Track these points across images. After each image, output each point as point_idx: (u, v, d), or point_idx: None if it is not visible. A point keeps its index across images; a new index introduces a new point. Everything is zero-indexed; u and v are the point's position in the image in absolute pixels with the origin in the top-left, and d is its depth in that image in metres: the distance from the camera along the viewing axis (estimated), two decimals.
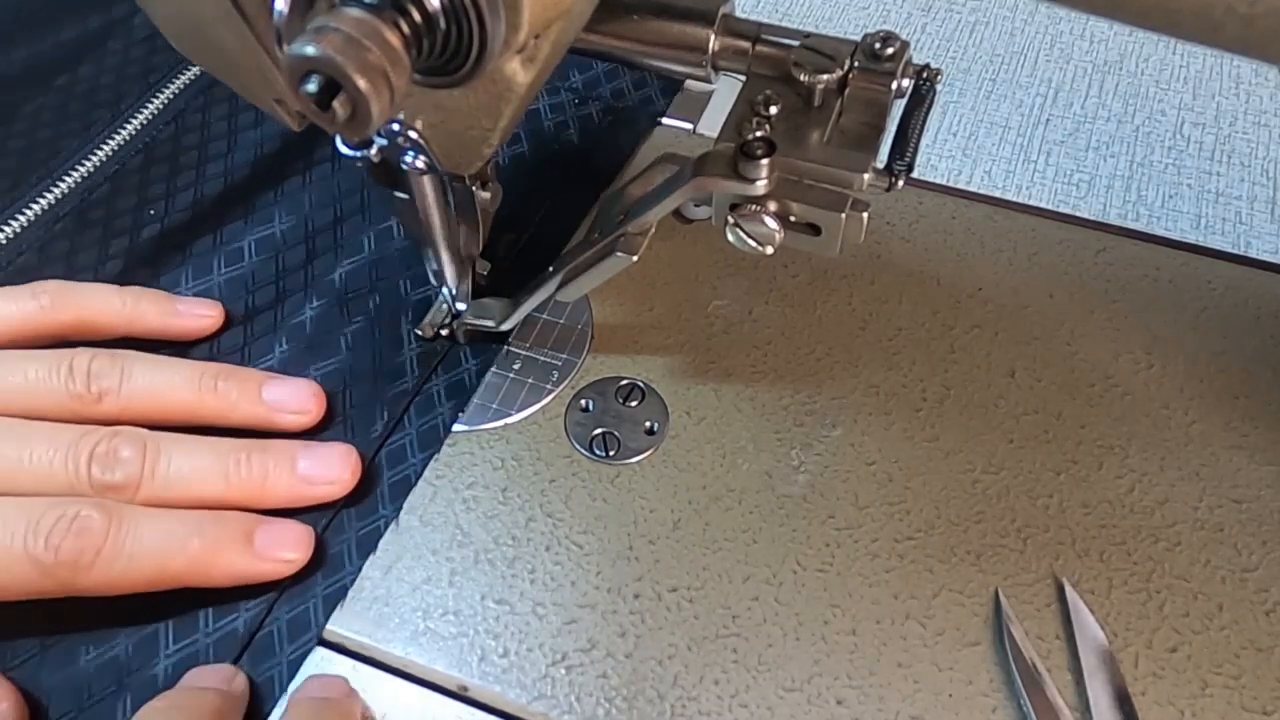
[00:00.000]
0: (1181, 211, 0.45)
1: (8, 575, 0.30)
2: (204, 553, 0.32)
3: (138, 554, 0.31)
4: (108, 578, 0.31)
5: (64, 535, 0.30)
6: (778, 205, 0.31)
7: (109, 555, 0.31)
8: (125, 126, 0.46)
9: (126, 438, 0.33)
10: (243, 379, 0.37)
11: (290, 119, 0.34)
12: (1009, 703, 0.31)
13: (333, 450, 0.36)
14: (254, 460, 0.34)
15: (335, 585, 0.34)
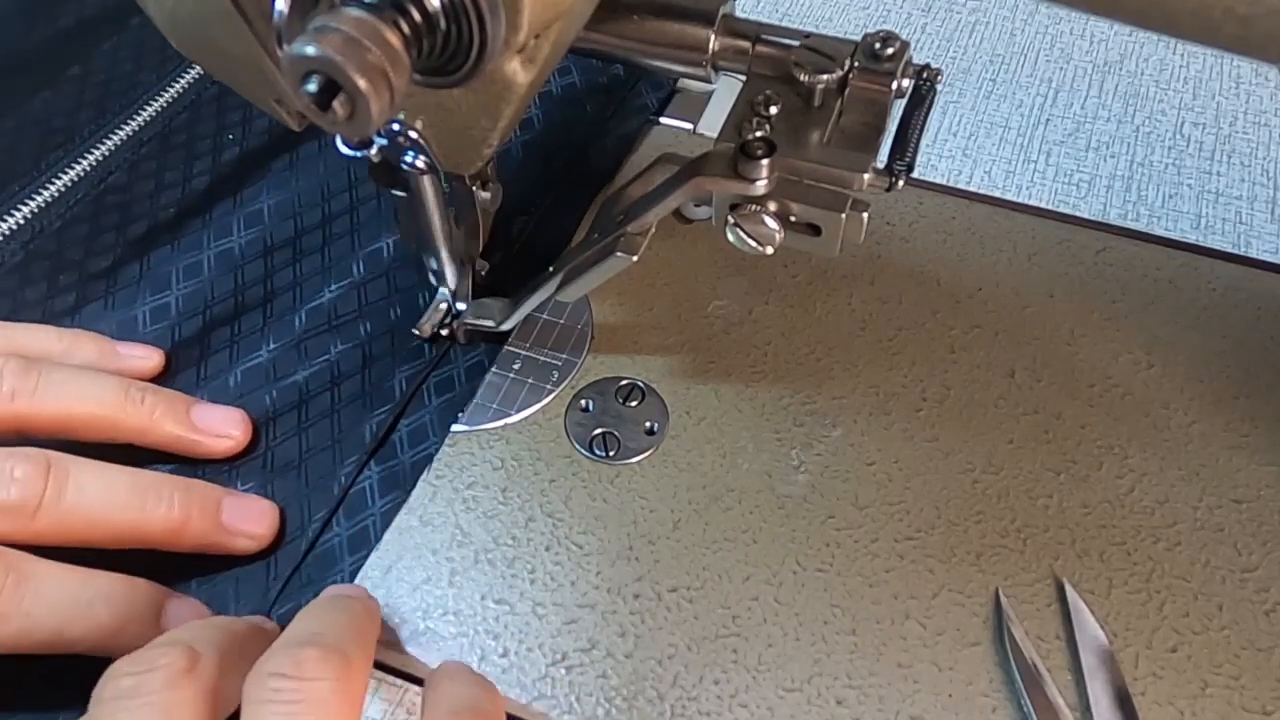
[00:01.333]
0: (1181, 211, 0.45)
1: None
2: (110, 621, 0.29)
3: (34, 615, 0.28)
4: (1, 636, 0.28)
5: None
6: (778, 205, 0.31)
7: (3, 612, 0.28)
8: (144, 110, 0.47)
9: (25, 455, 0.30)
10: (169, 396, 0.35)
11: (290, 119, 0.34)
12: (1009, 703, 0.31)
13: (256, 503, 0.34)
14: (176, 498, 0.32)
15: (334, 579, 0.34)
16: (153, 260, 0.42)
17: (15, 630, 0.28)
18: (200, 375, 0.39)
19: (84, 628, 0.29)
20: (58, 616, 0.29)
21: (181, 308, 0.41)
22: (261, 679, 0.25)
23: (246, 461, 0.36)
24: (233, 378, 0.39)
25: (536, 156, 0.46)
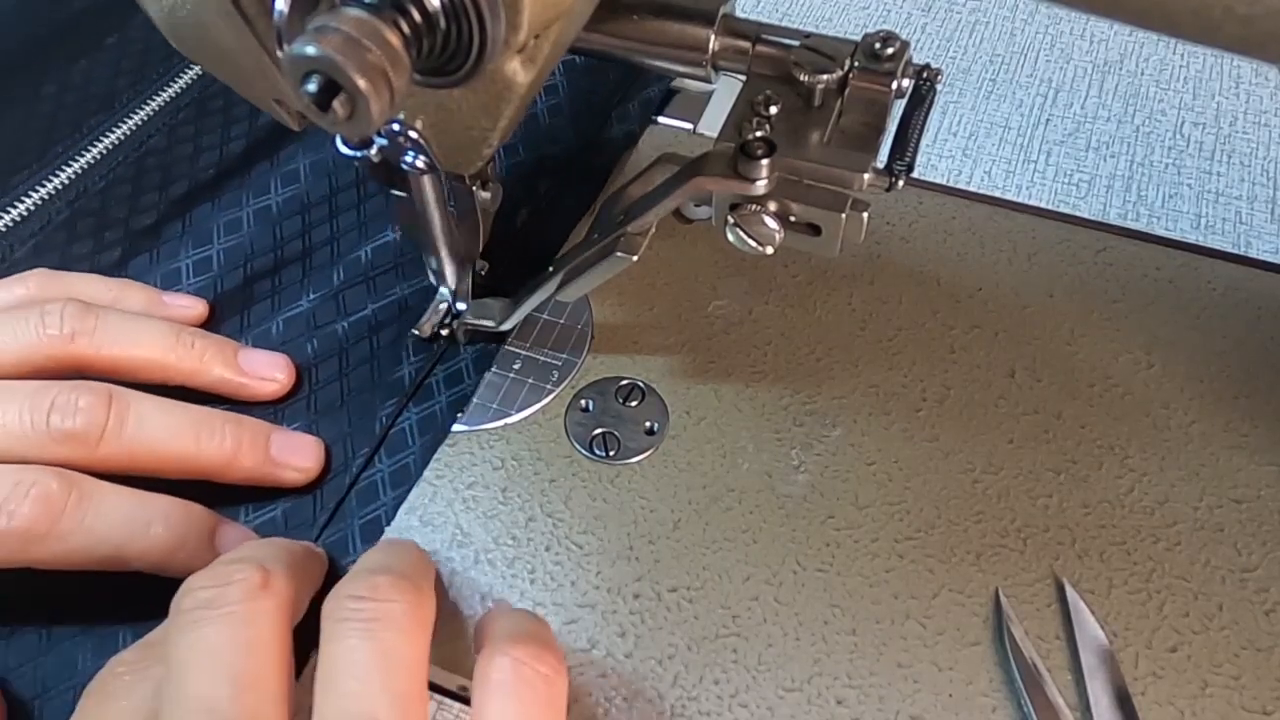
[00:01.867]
0: (1181, 211, 0.45)
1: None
2: (166, 541, 0.31)
3: (97, 530, 0.30)
4: (62, 551, 0.30)
5: (20, 502, 0.29)
6: (778, 205, 0.31)
7: (66, 528, 0.30)
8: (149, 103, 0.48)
9: (90, 387, 0.32)
10: (219, 342, 0.37)
11: (290, 119, 0.34)
12: (1009, 703, 0.31)
13: (304, 439, 0.36)
14: (228, 429, 0.34)
15: (376, 512, 0.35)
16: (194, 217, 0.44)
17: (78, 546, 0.30)
18: (244, 323, 0.41)
19: (142, 546, 0.31)
20: (118, 534, 0.30)
21: (223, 261, 0.42)
22: (340, 600, 0.27)
23: (291, 404, 0.38)
24: (275, 326, 0.40)
25: (535, 156, 0.46)
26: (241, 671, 0.25)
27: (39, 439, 0.31)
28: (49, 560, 0.30)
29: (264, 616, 0.26)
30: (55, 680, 0.31)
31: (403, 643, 0.26)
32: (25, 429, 0.31)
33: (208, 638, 0.25)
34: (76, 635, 0.32)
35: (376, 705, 0.25)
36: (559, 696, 0.27)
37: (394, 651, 0.26)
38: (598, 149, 0.47)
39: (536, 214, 0.44)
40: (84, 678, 0.30)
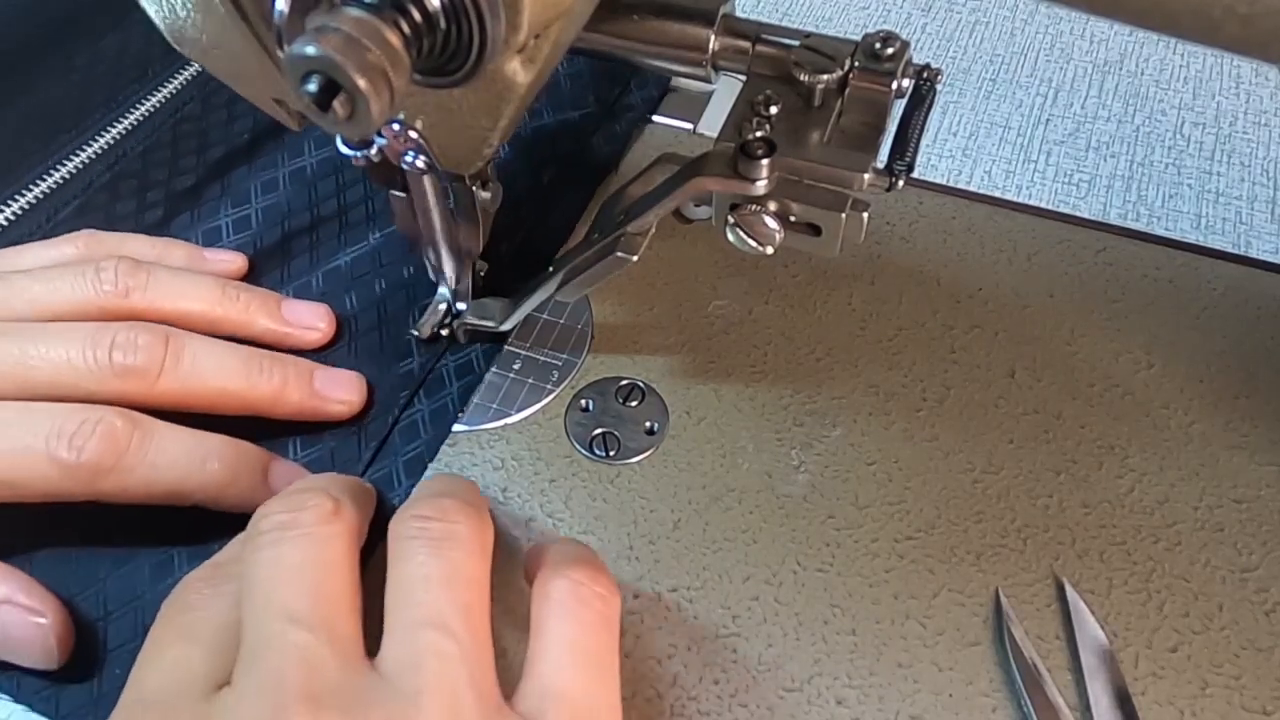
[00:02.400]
0: (1181, 211, 0.45)
1: (31, 475, 0.31)
2: (223, 476, 0.33)
3: (159, 465, 0.32)
4: (126, 484, 0.32)
5: (87, 438, 0.31)
6: (778, 205, 0.31)
7: (130, 463, 0.31)
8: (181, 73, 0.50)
9: (147, 327, 0.34)
10: (263, 294, 0.39)
11: (290, 119, 0.34)
12: (1009, 703, 0.31)
13: (346, 373, 0.38)
14: (275, 367, 0.36)
15: (417, 449, 0.36)
16: (231, 179, 0.45)
17: (141, 480, 0.32)
18: (284, 277, 0.42)
19: (200, 481, 0.32)
20: (178, 470, 0.32)
21: (261, 220, 0.44)
22: (408, 520, 0.28)
23: (333, 351, 0.39)
24: (314, 280, 0.42)
25: (533, 155, 0.46)
26: (319, 584, 0.26)
27: (101, 374, 0.32)
28: (113, 493, 0.32)
29: (337, 539, 0.27)
30: (117, 603, 0.33)
31: (468, 560, 0.27)
32: (89, 365, 0.32)
33: (286, 555, 0.26)
34: (138, 560, 0.34)
35: (446, 614, 0.26)
36: (614, 617, 0.29)
37: (460, 567, 0.27)
38: (595, 148, 0.47)
39: (536, 214, 0.44)
40: (146, 600, 0.33)
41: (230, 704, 0.24)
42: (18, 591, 0.31)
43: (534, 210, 0.44)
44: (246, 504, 0.32)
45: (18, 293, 0.35)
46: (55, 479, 0.31)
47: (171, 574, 0.33)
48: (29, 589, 0.31)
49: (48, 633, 0.31)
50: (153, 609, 0.29)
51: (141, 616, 0.33)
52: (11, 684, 0.31)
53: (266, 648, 0.25)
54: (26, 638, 0.31)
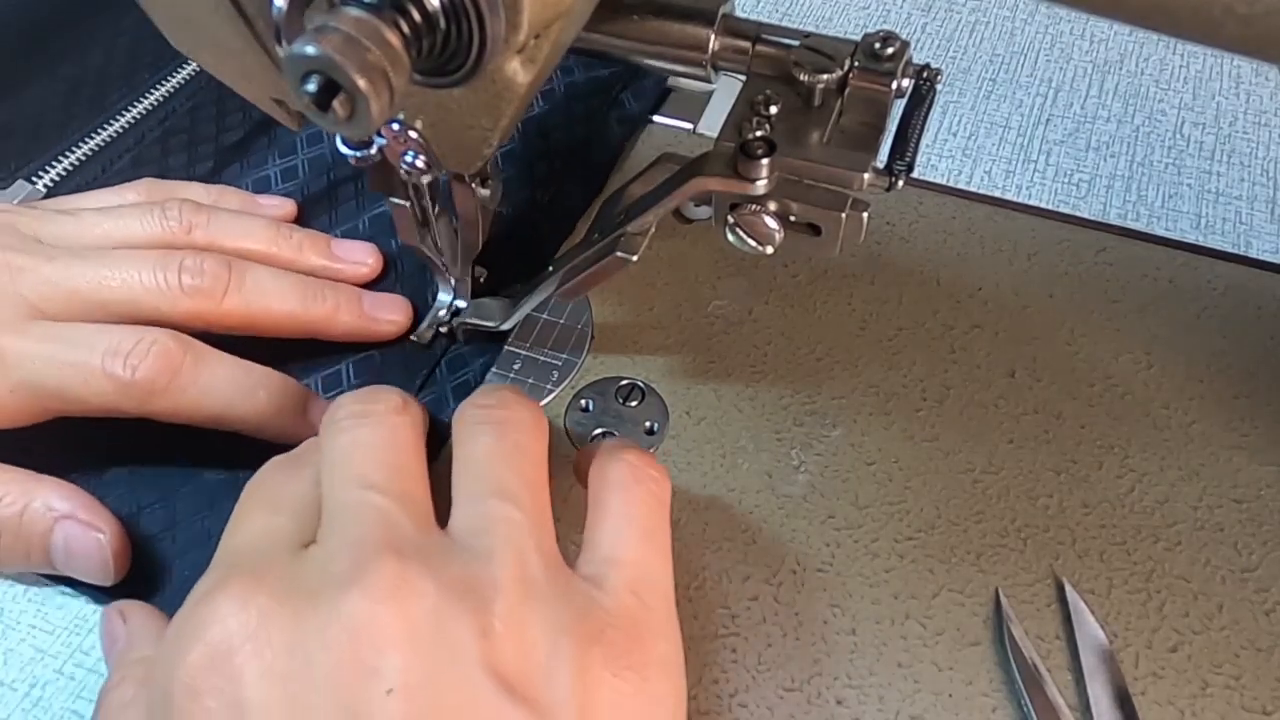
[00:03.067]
0: (1181, 211, 0.45)
1: (87, 390, 0.33)
2: (267, 406, 0.35)
3: (209, 389, 0.34)
4: (178, 404, 0.33)
5: (142, 358, 0.33)
6: (778, 205, 0.31)
7: (182, 383, 0.33)
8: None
9: (211, 254, 0.36)
10: (313, 234, 0.41)
11: (290, 119, 0.34)
12: (1009, 703, 0.31)
13: (393, 296, 0.40)
14: (327, 291, 0.38)
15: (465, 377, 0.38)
16: (277, 132, 0.47)
17: (190, 402, 0.33)
18: (331, 221, 0.44)
19: (246, 409, 0.34)
20: (226, 395, 0.34)
21: (307, 170, 0.46)
22: (471, 408, 0.30)
23: (379, 285, 0.41)
24: (360, 223, 0.44)
25: (533, 155, 0.46)
26: (393, 459, 0.28)
27: (171, 295, 0.35)
28: (163, 413, 0.34)
29: (407, 426, 0.29)
30: (184, 514, 0.35)
31: (529, 441, 0.29)
32: (160, 285, 0.35)
33: (362, 436, 0.28)
34: (203, 479, 0.36)
35: (510, 485, 0.28)
36: (666, 496, 0.30)
37: (522, 446, 0.29)
38: (595, 148, 0.47)
39: (535, 214, 0.44)
40: (212, 513, 0.35)
41: (319, 557, 0.26)
42: (79, 508, 0.33)
43: (533, 210, 0.44)
44: (286, 436, 0.35)
45: (88, 227, 0.37)
46: (110, 395, 0.33)
47: (235, 492, 0.34)
48: (90, 506, 0.33)
49: (105, 548, 0.33)
50: (219, 520, 0.30)
51: (208, 525, 0.35)
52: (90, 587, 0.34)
53: (347, 510, 0.26)
54: (85, 552, 0.32)
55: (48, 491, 0.33)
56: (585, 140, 0.47)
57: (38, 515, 0.32)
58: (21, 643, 0.34)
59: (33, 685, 0.33)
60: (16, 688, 0.33)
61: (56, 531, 0.32)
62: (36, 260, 0.35)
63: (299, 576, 0.25)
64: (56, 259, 0.35)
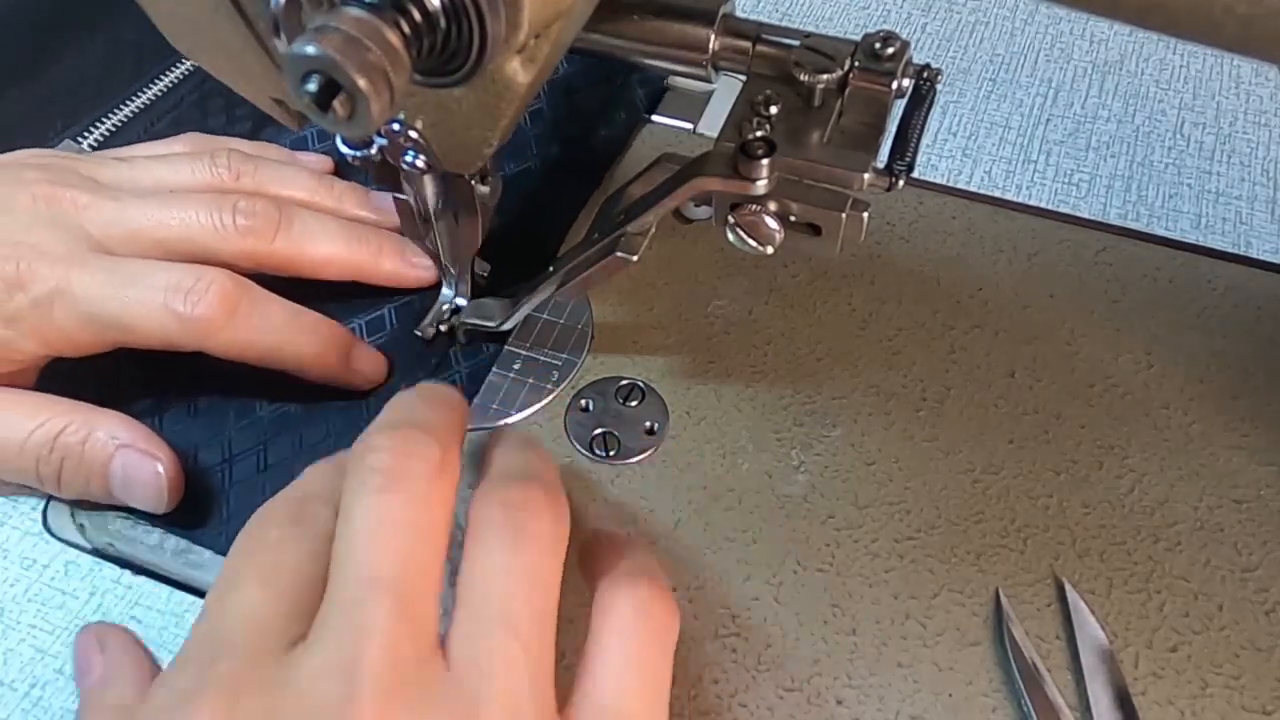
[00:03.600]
0: (1181, 211, 0.45)
1: (149, 324, 0.34)
2: (316, 347, 0.36)
3: (263, 328, 0.35)
4: (233, 341, 0.35)
5: (202, 295, 0.34)
6: (778, 205, 0.31)
7: (238, 322, 0.35)
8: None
9: (263, 197, 0.38)
10: (352, 185, 0.42)
11: (290, 119, 0.34)
12: (1009, 703, 0.31)
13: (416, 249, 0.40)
14: (371, 235, 0.39)
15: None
16: None
17: (245, 339, 0.35)
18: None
19: (296, 349, 0.36)
20: (278, 335, 0.36)
21: None
22: (492, 503, 0.28)
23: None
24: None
25: (531, 154, 0.46)
26: (414, 552, 0.26)
27: (226, 234, 0.36)
28: (220, 348, 0.35)
29: (440, 501, 0.27)
30: (240, 448, 0.37)
31: (545, 560, 0.27)
32: (215, 224, 0.36)
33: (388, 511, 0.26)
34: (258, 414, 0.38)
35: (518, 616, 0.26)
36: (674, 639, 0.28)
37: (537, 567, 0.27)
38: (593, 146, 0.47)
39: (533, 213, 0.44)
40: (268, 447, 0.37)
41: (307, 671, 0.24)
42: (138, 439, 0.34)
43: (531, 209, 0.44)
44: (331, 377, 0.37)
45: (143, 172, 0.39)
46: (171, 329, 0.34)
47: (287, 427, 0.37)
48: (148, 437, 0.35)
49: (161, 476, 0.34)
50: (274, 453, 0.34)
51: (264, 457, 0.36)
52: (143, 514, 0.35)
53: (350, 614, 0.24)
54: (143, 480, 0.34)
55: (110, 422, 0.34)
56: (581, 138, 0.47)
57: (99, 444, 0.34)
58: (21, 643, 0.34)
59: (33, 685, 0.33)
60: (16, 688, 0.33)
61: (116, 460, 0.34)
62: (98, 199, 0.36)
63: (282, 696, 0.24)
64: (118, 199, 0.36)
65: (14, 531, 0.36)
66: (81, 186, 0.36)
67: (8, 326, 0.34)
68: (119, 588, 0.35)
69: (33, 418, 0.34)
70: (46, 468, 0.34)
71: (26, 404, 0.35)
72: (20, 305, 0.34)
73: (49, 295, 0.34)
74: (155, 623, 0.34)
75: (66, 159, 0.38)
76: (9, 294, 0.34)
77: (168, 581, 0.35)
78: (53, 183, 0.36)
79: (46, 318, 0.34)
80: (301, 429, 0.37)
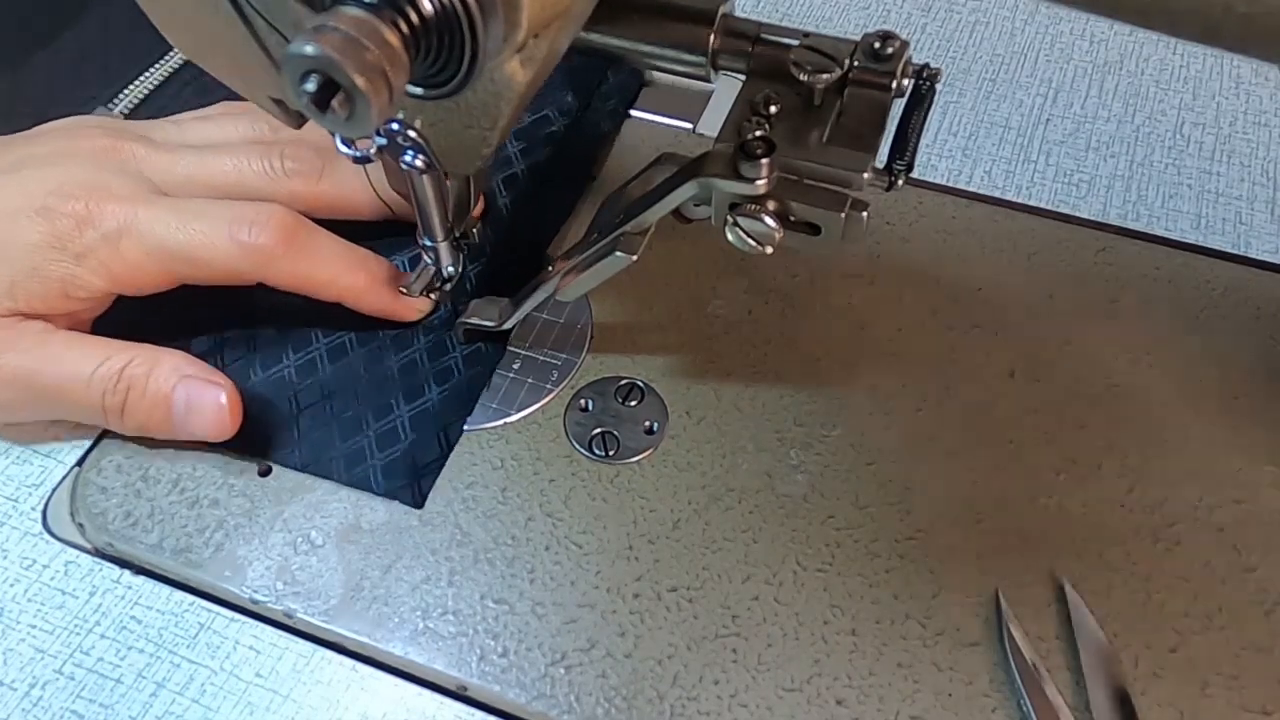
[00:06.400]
0: (1181, 211, 0.45)
1: (214, 254, 0.36)
2: (369, 278, 0.39)
3: (320, 259, 0.38)
4: (293, 271, 0.37)
5: (264, 226, 0.36)
6: (777, 205, 0.31)
7: (296, 252, 0.37)
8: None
9: (306, 145, 0.41)
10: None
11: (289, 118, 0.34)
12: (1009, 703, 0.31)
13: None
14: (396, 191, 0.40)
15: None
16: None
17: (304, 270, 0.38)
18: None
19: (351, 280, 0.38)
20: (333, 266, 0.38)
21: None
22: None
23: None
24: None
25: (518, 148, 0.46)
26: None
27: (275, 176, 0.39)
28: (281, 277, 0.37)
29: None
30: (301, 378, 0.39)
31: None
32: (265, 169, 0.39)
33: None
34: (315, 347, 0.40)
35: None
36: None
37: None
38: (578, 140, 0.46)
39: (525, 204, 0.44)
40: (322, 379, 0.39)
41: None
42: (200, 370, 0.36)
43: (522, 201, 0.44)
44: (383, 307, 0.39)
45: (189, 130, 0.42)
46: (235, 258, 0.36)
47: (345, 355, 0.40)
48: (209, 370, 0.37)
49: (224, 404, 0.36)
50: (334, 380, 0.38)
51: (324, 389, 0.39)
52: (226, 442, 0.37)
53: None
54: (204, 406, 0.36)
55: (173, 357, 0.37)
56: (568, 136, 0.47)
57: (164, 374, 0.36)
58: (21, 643, 0.34)
59: (33, 685, 0.33)
60: (16, 688, 0.33)
61: (179, 389, 0.36)
62: (154, 151, 0.39)
63: None
64: (174, 151, 0.39)
65: (14, 531, 0.36)
66: (139, 141, 0.39)
67: (77, 263, 0.36)
68: (119, 588, 0.35)
69: (100, 354, 0.36)
70: (112, 399, 0.35)
71: (91, 344, 0.36)
72: (90, 241, 0.35)
73: (117, 231, 0.36)
74: (155, 623, 0.34)
75: (118, 122, 0.41)
76: (79, 230, 0.35)
77: (168, 581, 0.35)
78: (113, 136, 0.39)
79: (115, 253, 0.36)
80: (356, 357, 0.40)
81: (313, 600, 0.34)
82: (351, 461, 0.37)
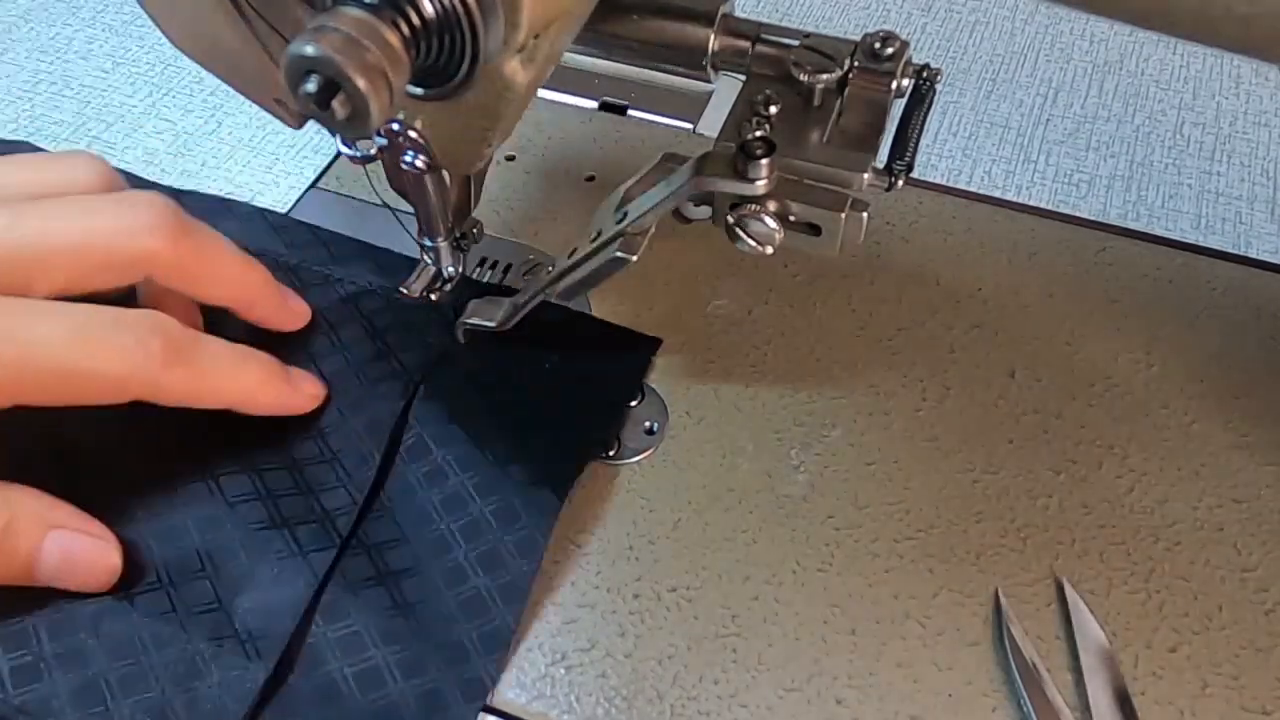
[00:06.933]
0: (1181, 211, 0.45)
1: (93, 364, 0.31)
2: (257, 375, 0.35)
3: (208, 365, 0.33)
4: (185, 381, 0.32)
5: (152, 334, 0.31)
6: (778, 205, 0.31)
7: (187, 357, 0.32)
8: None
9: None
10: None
11: (291, 119, 0.34)
12: (1009, 703, 0.31)
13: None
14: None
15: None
16: None
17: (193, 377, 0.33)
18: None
19: (241, 383, 0.34)
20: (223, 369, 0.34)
21: None
22: None
23: None
24: None
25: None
26: None
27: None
28: (171, 390, 0.32)
29: None
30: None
31: None
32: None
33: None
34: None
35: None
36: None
37: None
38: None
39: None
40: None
41: None
42: (70, 516, 0.32)
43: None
44: (278, 406, 0.36)
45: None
46: (139, 362, 0.31)
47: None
48: (77, 513, 0.32)
49: (115, 563, 0.32)
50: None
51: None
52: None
53: None
54: (89, 560, 0.32)
55: (33, 500, 0.31)
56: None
57: (29, 525, 0.31)
58: None
59: None
60: None
61: (49, 541, 0.31)
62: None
63: None
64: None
65: None
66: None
67: None
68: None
69: None
70: None
71: None
72: None
73: None
74: None
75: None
76: None
77: None
78: None
79: None
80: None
81: None
82: None
